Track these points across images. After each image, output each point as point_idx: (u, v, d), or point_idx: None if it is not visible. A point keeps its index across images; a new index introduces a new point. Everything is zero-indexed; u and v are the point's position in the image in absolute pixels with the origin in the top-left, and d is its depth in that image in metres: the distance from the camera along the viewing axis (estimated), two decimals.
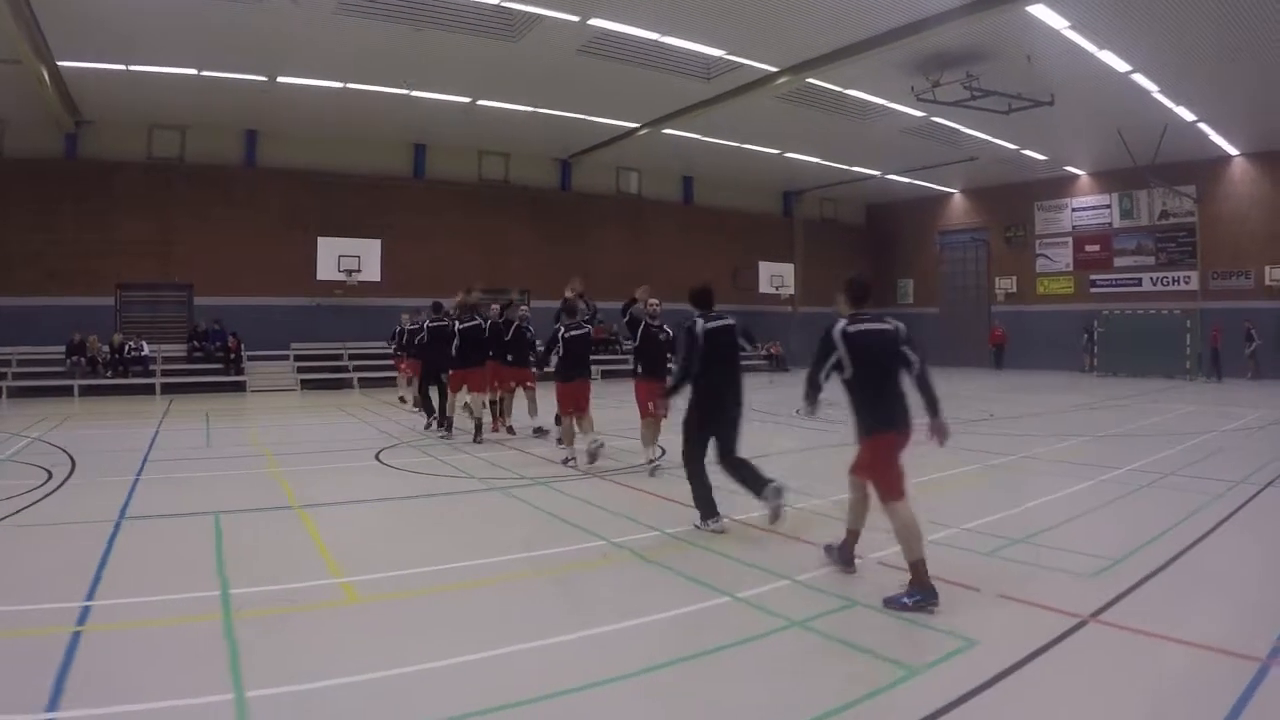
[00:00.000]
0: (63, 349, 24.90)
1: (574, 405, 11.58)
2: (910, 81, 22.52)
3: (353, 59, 21.49)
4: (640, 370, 11.19)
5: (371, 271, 27.51)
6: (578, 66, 21.85)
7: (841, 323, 6.15)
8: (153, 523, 8.17)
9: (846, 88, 23.80)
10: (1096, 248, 35.52)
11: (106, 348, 25.39)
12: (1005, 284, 38.41)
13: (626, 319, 11.39)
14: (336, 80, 23.17)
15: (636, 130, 28.71)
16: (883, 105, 25.27)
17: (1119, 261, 34.84)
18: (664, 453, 10.89)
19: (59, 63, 21.09)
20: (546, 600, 5.97)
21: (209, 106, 25.50)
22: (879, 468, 6.04)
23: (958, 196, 40.67)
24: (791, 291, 38.86)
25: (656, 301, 11.23)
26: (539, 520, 8.30)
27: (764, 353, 36.29)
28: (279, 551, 7.21)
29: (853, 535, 6.44)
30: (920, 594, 5.50)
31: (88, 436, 15.14)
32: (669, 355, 10.93)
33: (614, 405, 17.03)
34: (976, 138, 29.12)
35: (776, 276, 38.24)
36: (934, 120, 26.70)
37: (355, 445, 13.60)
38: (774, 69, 22.15)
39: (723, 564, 6.69)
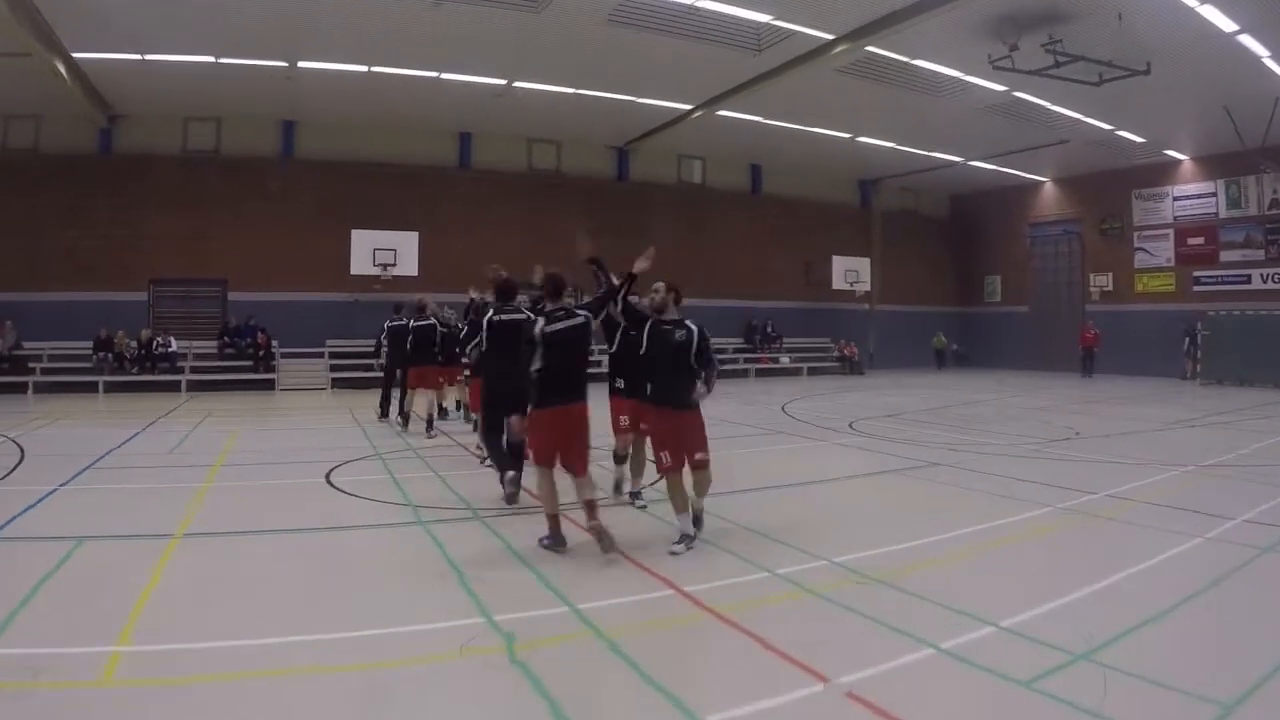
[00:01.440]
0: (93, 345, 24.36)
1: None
2: (985, 48, 20.09)
3: (373, 40, 20.31)
4: (622, 385, 8.55)
5: (408, 265, 26.11)
6: (611, 39, 20.13)
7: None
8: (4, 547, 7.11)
9: (913, 57, 21.48)
10: (1200, 241, 32.07)
11: (134, 343, 24.64)
12: (1101, 281, 35.07)
13: (620, 309, 8.20)
14: (360, 64, 22.01)
15: (691, 113, 26.78)
16: (956, 78, 22.89)
17: (1225, 256, 31.40)
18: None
19: (74, 54, 20.70)
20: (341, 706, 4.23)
21: (243, 97, 24.76)
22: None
23: (1048, 185, 37.46)
24: (868, 288, 36.21)
25: (660, 289, 7.66)
26: (436, 579, 6.36)
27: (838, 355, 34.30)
28: (93, 597, 5.79)
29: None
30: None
31: (62, 437, 14.68)
32: (691, 365, 7.40)
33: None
34: (1066, 116, 26.36)
35: (851, 272, 35.46)
36: (1017, 95, 24.23)
37: (322, 456, 12.02)
38: (829, 36, 19.99)
39: None
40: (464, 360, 12.80)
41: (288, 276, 26.57)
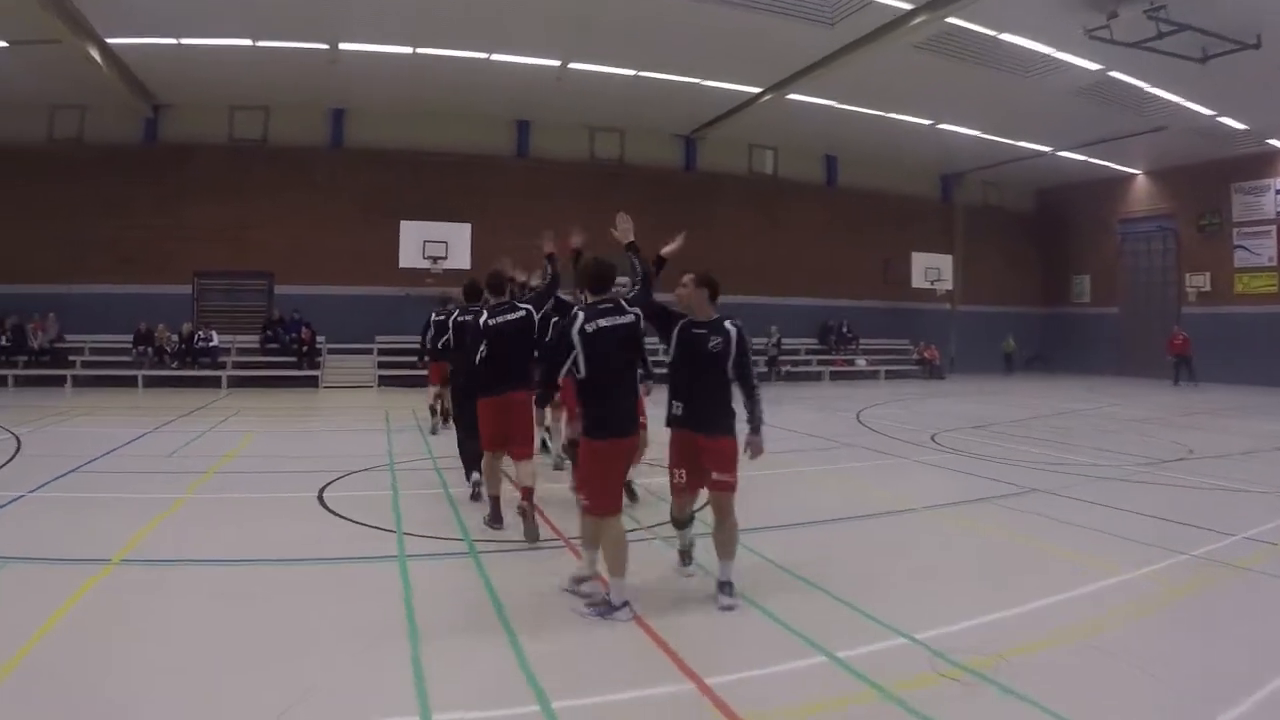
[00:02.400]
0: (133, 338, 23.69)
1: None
2: (1080, 19, 18.19)
3: (416, 18, 19.36)
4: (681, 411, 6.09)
5: (460, 258, 24.77)
6: (673, 13, 18.66)
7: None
8: None
9: (999, 30, 19.52)
10: None
11: (175, 337, 23.77)
12: (1197, 281, 32.35)
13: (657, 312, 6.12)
14: (405, 45, 20.91)
15: (760, 96, 25.02)
16: (1046, 55, 20.88)
17: None
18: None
19: (107, 40, 20.13)
20: None
21: (289, 85, 24.04)
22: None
23: (1141, 178, 34.76)
24: (950, 287, 33.97)
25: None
26: (384, 644, 4.84)
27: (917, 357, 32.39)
28: None
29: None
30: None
31: (69, 433, 14.07)
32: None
33: None
34: (1164, 100, 24.18)
35: (933, 269, 33.20)
36: (1112, 76, 22.18)
37: (329, 465, 10.64)
38: (907, 6, 18.21)
39: None
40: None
41: (335, 269, 25.64)
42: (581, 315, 5.60)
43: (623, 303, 5.79)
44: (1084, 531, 7.79)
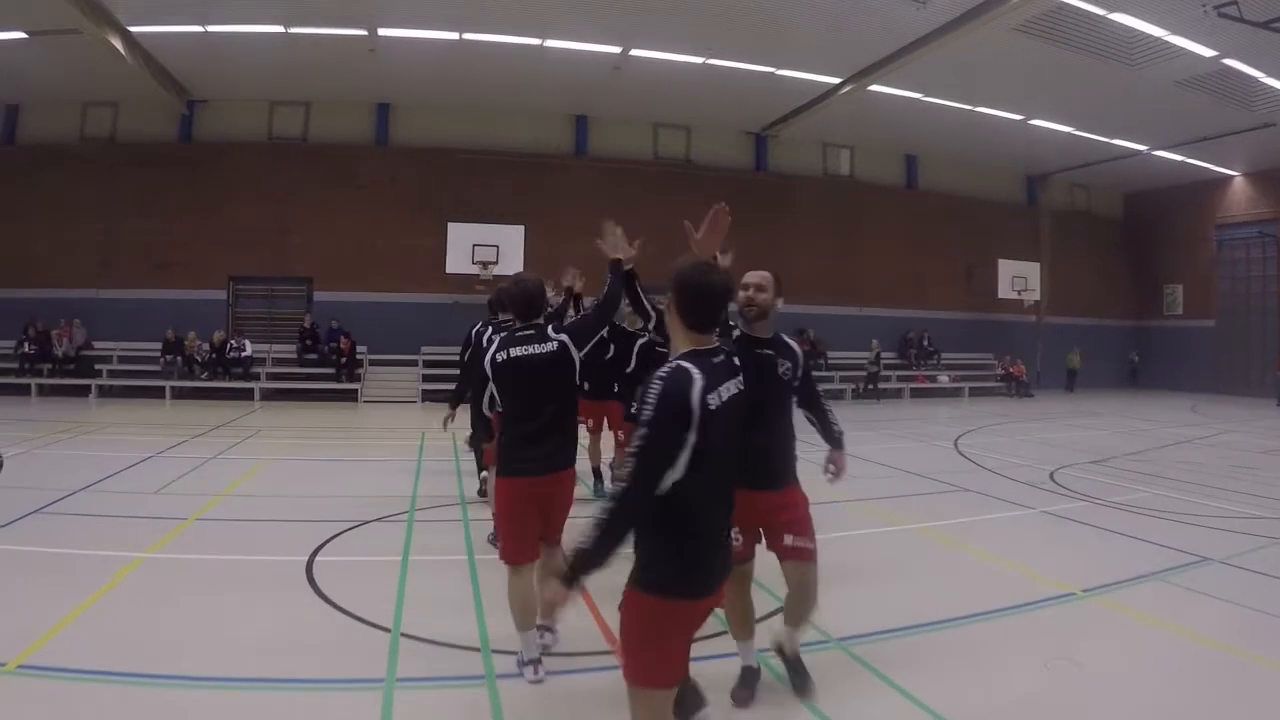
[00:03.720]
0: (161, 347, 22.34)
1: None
2: None
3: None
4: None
5: (513, 263, 22.96)
6: None
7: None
8: None
9: (1110, 10, 17.32)
10: None
11: (206, 346, 22.35)
12: None
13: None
14: (448, 30, 19.30)
15: (839, 88, 22.94)
16: (1158, 39, 18.64)
17: None
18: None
19: (130, 28, 18.92)
20: None
21: (330, 78, 22.68)
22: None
23: (1239, 180, 31.94)
24: (1037, 297, 31.41)
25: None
26: None
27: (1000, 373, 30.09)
28: None
29: None
30: None
31: (60, 457, 12.46)
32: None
33: None
34: (1277, 91, 21.82)
35: (1019, 278, 30.76)
36: (1225, 64, 19.93)
37: (337, 513, 8.79)
38: None
39: None
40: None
41: (378, 275, 24.13)
42: (495, 342, 5.08)
43: (548, 330, 5.08)
44: None
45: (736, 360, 3.34)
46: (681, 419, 2.86)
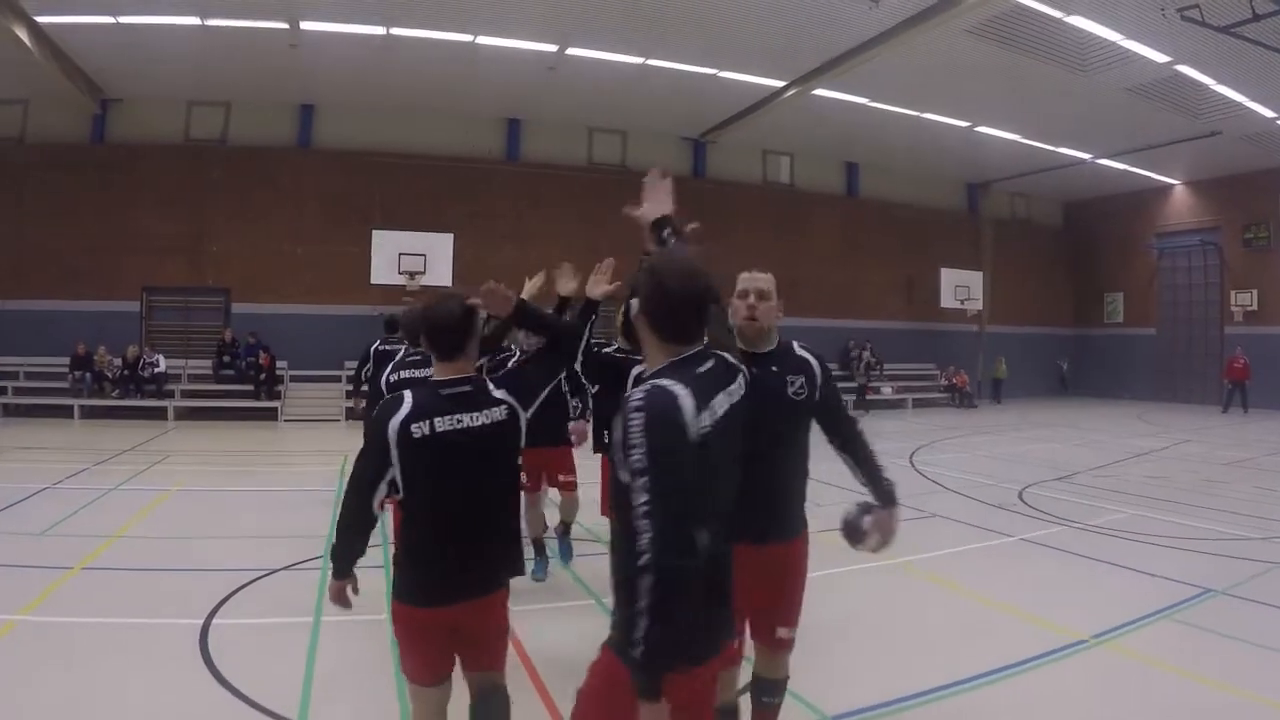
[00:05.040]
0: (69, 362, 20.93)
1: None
2: (1160, 0, 15.83)
3: None
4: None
5: (441, 273, 21.98)
6: None
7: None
8: None
9: (1068, 13, 16.92)
10: None
11: (118, 362, 20.93)
12: (1243, 299, 29.82)
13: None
14: (375, 24, 18.26)
15: (783, 92, 22.23)
16: (1112, 43, 18.33)
17: None
18: None
19: (36, 19, 17.51)
20: None
21: (251, 77, 21.45)
22: None
23: (1179, 189, 32.14)
24: (980, 306, 31.21)
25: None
26: None
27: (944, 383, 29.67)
28: None
29: None
30: None
31: None
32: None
33: None
34: (1226, 100, 21.76)
35: (962, 288, 30.48)
36: (1178, 70, 19.75)
37: (250, 557, 7.82)
38: None
39: None
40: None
41: (299, 286, 22.93)
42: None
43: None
44: None
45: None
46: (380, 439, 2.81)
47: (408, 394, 3.27)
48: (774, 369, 3.63)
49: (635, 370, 3.31)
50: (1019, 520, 10.25)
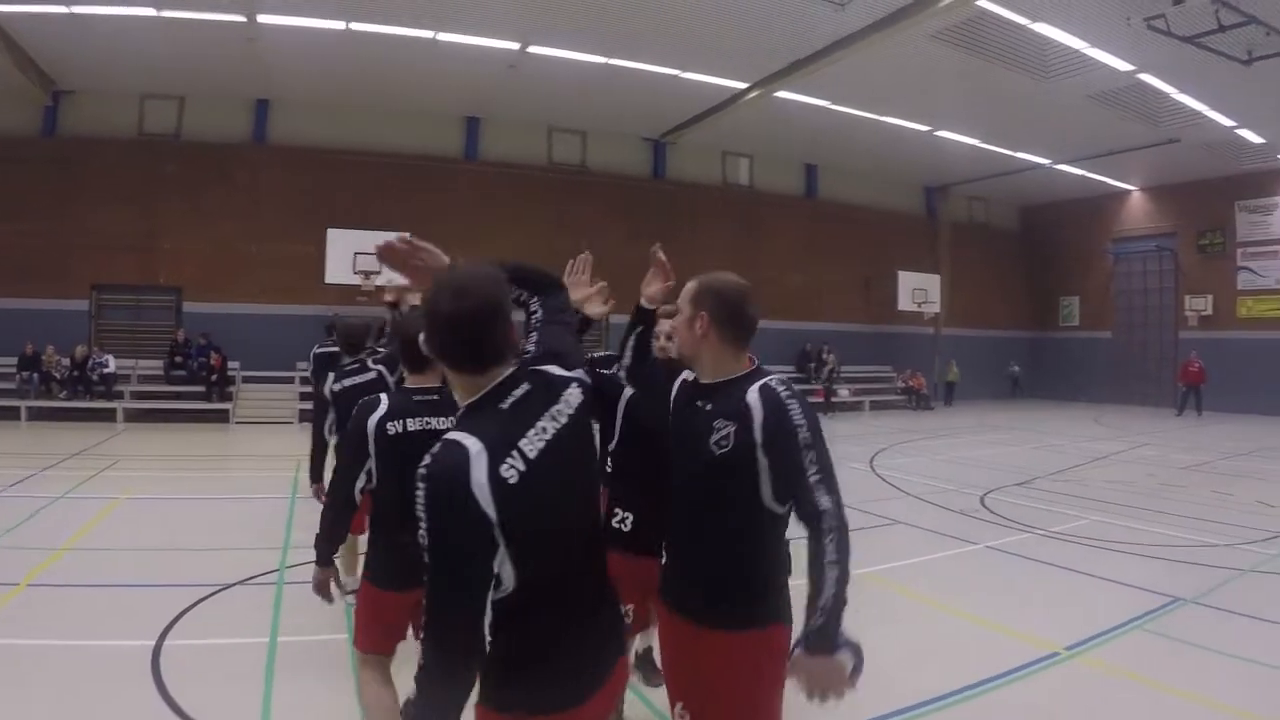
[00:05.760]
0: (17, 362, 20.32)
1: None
2: (1128, 8, 15.91)
3: None
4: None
5: (396, 273, 21.63)
6: None
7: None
8: None
9: (1034, 19, 16.96)
10: None
11: (66, 362, 20.40)
12: (1198, 304, 30.32)
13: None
14: (334, 18, 17.87)
15: (745, 93, 22.10)
16: (1076, 51, 18.41)
17: None
18: None
19: None
20: None
21: (207, 69, 20.83)
22: None
23: (1136, 195, 32.67)
24: (937, 309, 31.30)
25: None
26: None
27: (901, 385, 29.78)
28: None
29: None
30: None
31: None
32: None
33: None
34: (1185, 109, 22.02)
35: (920, 290, 30.62)
36: (1141, 79, 19.92)
37: (202, 571, 7.55)
38: None
39: None
40: None
41: (251, 285, 22.49)
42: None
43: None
44: None
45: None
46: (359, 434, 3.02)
47: (384, 396, 3.81)
48: (707, 407, 2.88)
49: (629, 396, 3.18)
50: (983, 527, 10.25)
